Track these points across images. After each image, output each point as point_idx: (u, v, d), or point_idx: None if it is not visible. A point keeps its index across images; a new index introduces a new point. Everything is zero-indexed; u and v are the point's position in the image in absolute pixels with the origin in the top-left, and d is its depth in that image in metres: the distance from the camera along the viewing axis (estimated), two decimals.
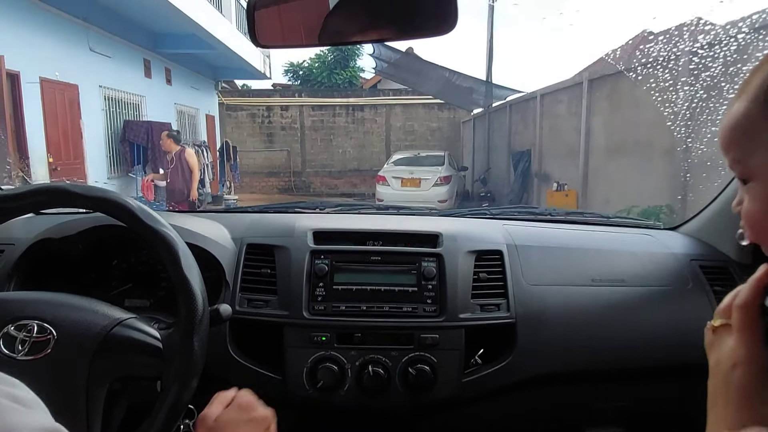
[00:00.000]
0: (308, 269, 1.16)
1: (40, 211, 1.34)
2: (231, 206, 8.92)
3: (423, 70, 10.88)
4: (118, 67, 8.61)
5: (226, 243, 1.22)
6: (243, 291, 1.16)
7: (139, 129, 8.75)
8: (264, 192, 15.49)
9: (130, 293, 1.23)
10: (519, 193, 9.45)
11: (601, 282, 1.22)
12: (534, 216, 1.56)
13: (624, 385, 1.23)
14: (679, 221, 1.50)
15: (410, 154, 12.05)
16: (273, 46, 0.94)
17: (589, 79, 6.98)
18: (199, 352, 0.77)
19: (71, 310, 0.79)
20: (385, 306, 1.13)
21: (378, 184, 10.69)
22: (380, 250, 1.21)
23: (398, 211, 1.64)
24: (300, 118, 15.87)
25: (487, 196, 11.10)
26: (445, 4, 0.83)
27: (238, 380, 1.11)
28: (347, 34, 0.94)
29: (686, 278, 1.24)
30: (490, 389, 1.13)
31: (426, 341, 1.10)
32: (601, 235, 1.41)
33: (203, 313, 0.80)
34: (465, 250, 1.21)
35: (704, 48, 4.32)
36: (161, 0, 7.36)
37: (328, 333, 1.11)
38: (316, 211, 1.57)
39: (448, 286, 1.15)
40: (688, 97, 4.45)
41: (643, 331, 1.17)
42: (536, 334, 1.15)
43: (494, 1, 10.94)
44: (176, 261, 0.81)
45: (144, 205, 0.85)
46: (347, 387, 1.09)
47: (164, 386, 0.75)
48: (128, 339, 0.78)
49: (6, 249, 1.16)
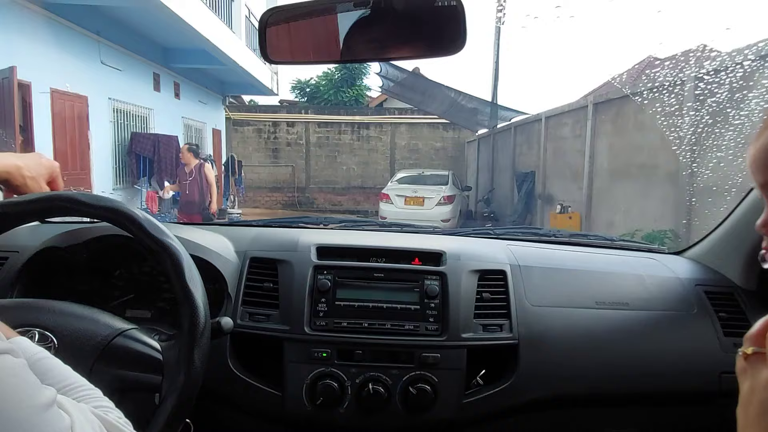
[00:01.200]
0: (311, 284, 1.16)
1: (45, 220, 1.34)
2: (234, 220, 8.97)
3: (429, 89, 10.98)
4: (128, 80, 8.72)
5: (230, 256, 1.22)
6: (245, 304, 1.16)
7: (146, 141, 8.82)
8: (267, 207, 15.53)
9: (132, 304, 1.23)
10: (522, 214, 9.45)
11: (605, 305, 1.21)
12: (538, 237, 1.56)
13: (630, 410, 1.21)
14: (684, 246, 1.50)
15: (414, 172, 12.09)
16: (283, 63, 0.95)
17: (594, 103, 7.02)
18: (199, 365, 0.77)
19: (73, 319, 0.79)
20: (387, 323, 1.13)
21: (381, 202, 10.71)
22: (383, 267, 1.20)
23: (402, 228, 1.64)
24: (306, 134, 15.98)
25: (491, 217, 11.10)
26: (454, 25, 0.84)
27: (237, 395, 1.11)
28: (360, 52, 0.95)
29: (691, 303, 1.23)
30: (491, 411, 1.12)
31: (427, 360, 1.09)
32: (605, 258, 1.41)
33: (205, 326, 0.80)
34: (468, 269, 1.20)
35: (710, 74, 4.35)
36: (173, 15, 7.48)
37: (329, 349, 1.10)
38: (320, 226, 1.57)
39: (450, 305, 1.14)
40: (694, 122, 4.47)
41: (648, 356, 1.16)
42: (539, 356, 1.14)
43: (501, 23, 11.07)
44: (180, 272, 0.81)
45: (150, 216, 0.86)
46: (346, 404, 1.08)
47: (163, 398, 0.75)
48: (128, 349, 0.78)
49: (11, 256, 1.17)
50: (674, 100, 4.81)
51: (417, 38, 0.92)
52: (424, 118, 15.44)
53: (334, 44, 0.93)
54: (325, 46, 0.95)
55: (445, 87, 10.28)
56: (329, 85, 18.59)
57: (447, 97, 10.75)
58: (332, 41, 0.93)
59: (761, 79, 3.62)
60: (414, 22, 0.90)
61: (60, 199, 0.84)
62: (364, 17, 0.89)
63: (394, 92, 13.20)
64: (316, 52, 0.98)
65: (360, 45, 0.93)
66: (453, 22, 0.85)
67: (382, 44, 0.93)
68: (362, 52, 1.00)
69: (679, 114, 4.78)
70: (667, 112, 4.86)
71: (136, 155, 8.76)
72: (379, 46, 0.94)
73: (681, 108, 4.78)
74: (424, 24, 0.90)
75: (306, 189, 16.06)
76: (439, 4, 0.87)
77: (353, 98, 18.26)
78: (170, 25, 7.99)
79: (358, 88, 18.56)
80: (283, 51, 0.95)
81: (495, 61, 11.37)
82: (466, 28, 0.84)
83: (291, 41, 0.97)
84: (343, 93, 18.28)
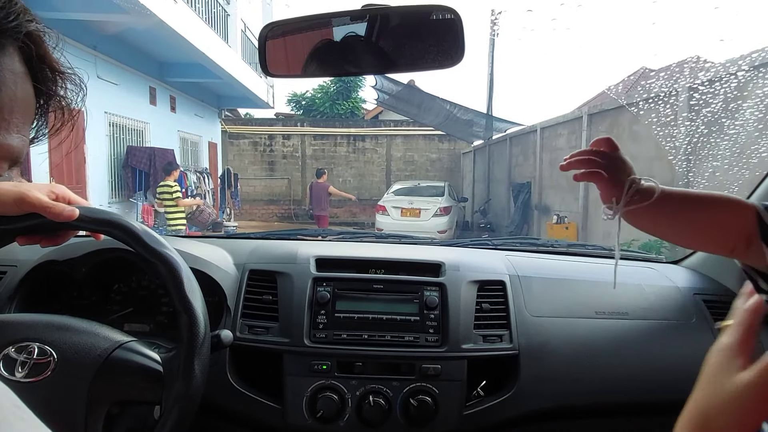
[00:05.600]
0: (310, 296, 1.15)
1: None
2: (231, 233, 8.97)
3: (424, 102, 11.03)
4: (124, 94, 8.73)
5: (229, 268, 1.22)
6: (244, 317, 1.15)
7: (142, 155, 8.82)
8: (264, 219, 15.51)
9: (131, 317, 1.22)
10: (519, 224, 9.46)
11: (605, 314, 1.21)
12: (536, 247, 1.56)
13: (630, 420, 1.21)
14: (681, 255, 1.50)
15: (410, 184, 12.11)
16: (282, 76, 0.96)
17: (589, 114, 7.07)
18: (200, 377, 0.77)
19: (72, 333, 0.79)
20: (387, 335, 1.12)
21: (378, 214, 10.71)
22: (383, 279, 1.20)
23: (400, 239, 1.64)
24: (302, 147, 16.01)
25: (487, 228, 11.11)
26: (452, 38, 0.85)
27: (237, 409, 1.10)
28: (357, 65, 0.96)
29: (690, 312, 1.23)
30: (492, 423, 1.11)
31: (428, 372, 1.09)
32: (603, 268, 1.41)
33: (205, 337, 0.79)
34: (467, 279, 1.20)
35: (704, 84, 4.39)
36: (169, 30, 7.51)
37: (329, 361, 1.10)
38: (318, 238, 1.57)
39: (450, 316, 1.14)
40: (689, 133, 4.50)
41: (648, 366, 1.16)
42: (540, 367, 1.13)
43: (496, 36, 11.17)
44: (179, 284, 0.81)
45: (149, 229, 0.86)
46: (347, 417, 1.07)
47: (163, 411, 0.74)
48: (128, 362, 0.77)
49: (8, 271, 1.16)
50: (669, 110, 4.85)
51: (414, 51, 0.93)
52: (420, 129, 15.51)
53: (331, 58, 0.94)
54: (322, 60, 0.95)
55: (441, 99, 10.34)
56: (325, 98, 18.67)
57: (442, 109, 10.81)
58: (330, 55, 0.94)
59: (755, 89, 3.65)
60: (411, 36, 0.91)
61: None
62: (361, 31, 0.90)
63: (389, 104, 13.26)
64: (315, 66, 0.98)
65: (357, 58, 0.94)
66: (451, 35, 0.86)
67: (379, 57, 0.94)
68: (359, 66, 1.01)
69: (674, 124, 4.82)
70: (662, 122, 4.90)
71: (132, 169, 8.75)
72: (376, 60, 0.95)
73: (676, 118, 4.82)
74: (421, 37, 0.91)
75: (302, 201, 16.05)
76: (436, 17, 0.88)
77: (349, 111, 18.32)
78: (166, 39, 8.02)
79: (353, 100, 18.64)
80: (282, 65, 0.96)
81: (490, 73, 11.45)
82: (464, 40, 0.85)
83: (289, 55, 0.97)
84: (338, 105, 18.35)
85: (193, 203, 8.27)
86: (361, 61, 0.95)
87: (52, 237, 0.83)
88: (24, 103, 0.46)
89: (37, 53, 0.46)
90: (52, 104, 0.51)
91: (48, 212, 0.75)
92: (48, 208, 0.74)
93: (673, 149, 4.82)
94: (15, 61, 0.44)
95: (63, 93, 0.52)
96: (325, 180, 10.45)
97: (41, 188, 0.78)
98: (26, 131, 0.47)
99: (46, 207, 0.75)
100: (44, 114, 0.51)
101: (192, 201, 8.18)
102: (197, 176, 11.34)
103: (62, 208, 0.75)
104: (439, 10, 0.86)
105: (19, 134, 0.46)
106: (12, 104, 0.44)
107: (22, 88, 0.45)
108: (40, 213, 0.74)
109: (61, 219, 0.75)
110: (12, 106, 0.44)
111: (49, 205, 0.75)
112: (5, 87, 0.43)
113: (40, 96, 0.49)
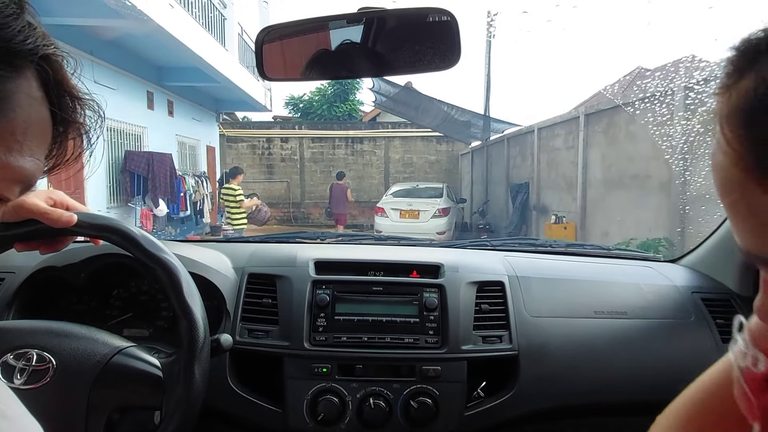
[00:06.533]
0: (309, 299, 1.15)
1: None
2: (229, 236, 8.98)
3: (422, 104, 11.05)
4: (122, 99, 8.73)
5: (228, 272, 1.22)
6: (244, 321, 1.15)
7: (140, 159, 8.82)
8: None
9: (130, 323, 1.22)
10: (518, 225, 9.47)
11: (604, 314, 1.22)
12: (534, 248, 1.56)
13: (630, 419, 1.20)
14: (679, 254, 1.50)
15: (409, 185, 12.12)
16: (279, 80, 0.96)
17: (585, 114, 7.09)
18: (200, 381, 0.77)
19: (71, 339, 0.78)
20: (387, 337, 1.12)
21: (376, 216, 10.72)
22: (382, 281, 1.20)
23: (398, 241, 1.64)
24: (300, 149, 16.01)
25: (486, 228, 11.13)
26: (448, 40, 0.85)
27: (237, 413, 1.10)
28: (354, 68, 0.96)
29: (689, 311, 1.24)
30: (493, 423, 1.11)
31: (428, 373, 1.09)
32: (602, 267, 1.41)
33: (204, 341, 0.79)
34: (466, 281, 1.20)
35: (700, 84, 4.40)
36: (166, 34, 7.52)
37: (329, 364, 1.10)
38: (317, 241, 1.57)
39: (450, 317, 1.14)
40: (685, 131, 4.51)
41: (647, 365, 1.16)
42: (540, 367, 1.13)
43: (492, 37, 11.19)
44: (179, 289, 0.81)
45: (147, 234, 0.86)
46: (348, 420, 1.07)
47: (164, 416, 0.74)
48: (128, 367, 0.77)
49: (6, 277, 1.16)
50: (665, 109, 4.87)
51: (411, 53, 0.93)
52: (418, 131, 15.51)
53: (328, 61, 0.94)
54: (319, 63, 0.96)
55: (438, 101, 10.35)
56: (322, 101, 18.68)
57: (440, 111, 10.83)
58: (327, 58, 0.94)
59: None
60: (408, 38, 0.92)
61: None
62: (358, 34, 0.90)
63: (387, 107, 13.28)
64: (311, 69, 0.98)
65: (354, 61, 0.95)
66: (447, 37, 0.86)
67: (376, 60, 0.94)
68: (356, 68, 1.01)
69: (671, 123, 4.83)
70: (659, 121, 4.91)
71: (130, 173, 8.75)
72: (373, 62, 0.95)
73: (672, 117, 4.83)
74: (418, 39, 0.91)
75: (301, 204, 16.06)
76: (432, 19, 0.88)
77: (347, 113, 18.33)
78: (163, 43, 8.03)
79: (351, 102, 18.65)
80: (279, 68, 0.96)
81: (487, 74, 11.48)
82: (461, 42, 0.85)
83: (286, 58, 0.98)
84: (336, 108, 18.36)
85: (254, 204, 8.43)
86: (359, 64, 0.95)
87: (51, 243, 0.83)
88: (39, 126, 0.45)
89: (55, 78, 0.46)
90: (71, 131, 0.50)
91: (46, 218, 0.75)
92: (46, 214, 0.75)
93: (669, 148, 4.83)
94: (32, 85, 0.43)
95: (81, 120, 0.50)
96: (344, 182, 11.29)
97: (39, 194, 0.78)
98: (40, 155, 0.46)
99: (44, 213, 0.75)
100: (63, 141, 0.49)
101: (252, 202, 8.32)
102: (195, 180, 11.34)
103: (60, 213, 0.75)
104: (436, 13, 0.87)
105: (32, 157, 0.44)
106: (26, 126, 0.43)
107: (37, 111, 0.44)
108: (38, 219, 0.75)
109: (60, 225, 0.75)
110: (26, 129, 0.43)
111: (47, 210, 0.75)
112: (20, 109, 0.42)
113: (58, 122, 0.47)
